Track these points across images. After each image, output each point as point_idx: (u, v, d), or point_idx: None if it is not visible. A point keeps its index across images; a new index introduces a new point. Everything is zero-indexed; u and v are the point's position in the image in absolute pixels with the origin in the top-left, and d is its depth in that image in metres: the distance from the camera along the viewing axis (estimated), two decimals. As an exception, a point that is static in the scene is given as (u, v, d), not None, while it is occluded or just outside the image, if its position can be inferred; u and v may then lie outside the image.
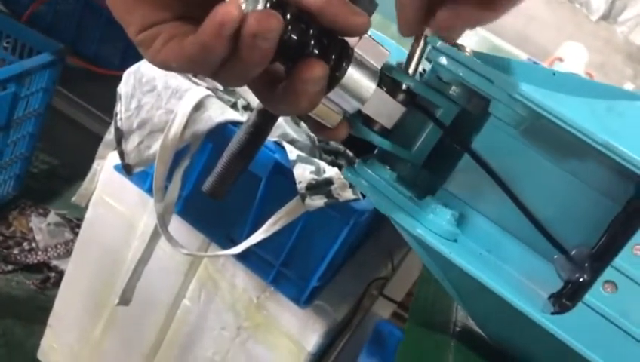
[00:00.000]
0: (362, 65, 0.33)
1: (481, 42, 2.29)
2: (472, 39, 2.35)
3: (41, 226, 1.53)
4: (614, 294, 0.32)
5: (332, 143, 0.99)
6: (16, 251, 1.48)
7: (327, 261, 0.94)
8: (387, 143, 0.38)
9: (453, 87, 0.39)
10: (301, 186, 0.85)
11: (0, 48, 1.64)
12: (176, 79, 0.92)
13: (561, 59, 2.74)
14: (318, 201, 0.85)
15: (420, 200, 0.38)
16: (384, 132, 0.38)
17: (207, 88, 0.93)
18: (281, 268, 0.97)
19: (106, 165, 1.09)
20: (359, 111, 0.35)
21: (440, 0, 0.35)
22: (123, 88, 0.92)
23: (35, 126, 1.59)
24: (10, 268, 1.46)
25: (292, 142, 0.94)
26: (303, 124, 0.99)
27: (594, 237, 0.37)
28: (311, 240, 0.94)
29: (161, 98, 0.91)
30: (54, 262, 1.50)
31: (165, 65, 0.31)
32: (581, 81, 0.34)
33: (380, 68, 0.34)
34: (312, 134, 0.99)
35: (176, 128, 0.89)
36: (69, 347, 1.25)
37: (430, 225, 0.36)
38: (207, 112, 0.89)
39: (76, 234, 1.42)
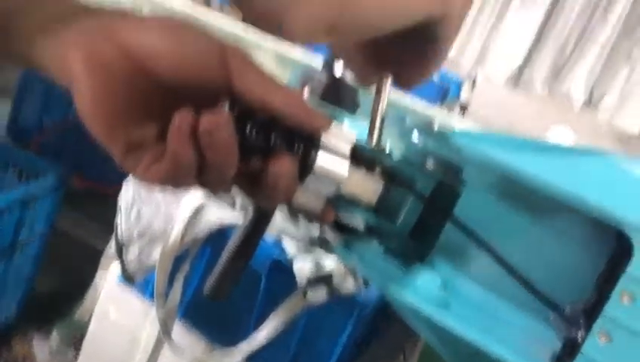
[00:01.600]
0: (331, 150, 0.35)
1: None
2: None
3: (43, 349, 1.50)
4: (610, 344, 0.32)
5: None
6: (17, 376, 1.44)
7: (334, 359, 0.92)
8: (373, 219, 0.39)
9: (430, 160, 0.41)
10: (301, 281, 0.85)
11: (6, 176, 1.69)
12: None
13: (547, 143, 2.81)
14: (319, 295, 0.85)
15: (409, 269, 0.38)
16: (369, 208, 0.39)
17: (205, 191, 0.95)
18: (287, 369, 0.95)
19: (108, 277, 1.09)
20: (343, 193, 0.37)
21: (392, 50, 0.38)
22: (123, 199, 0.95)
23: (39, 248, 1.60)
24: (11, 394, 1.42)
25: (291, 237, 0.95)
26: (300, 218, 1.01)
27: (586, 292, 0.37)
28: (316, 338, 0.93)
29: (160, 205, 0.93)
30: (57, 385, 1.45)
31: (152, 185, 0.33)
32: (545, 144, 0.36)
33: (349, 149, 0.36)
34: (311, 227, 1.00)
35: (175, 234, 0.90)
36: None
37: (420, 293, 0.37)
38: (205, 216, 0.91)
39: (79, 351, 1.39)
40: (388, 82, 0.39)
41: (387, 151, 0.40)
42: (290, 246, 0.89)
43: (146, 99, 0.32)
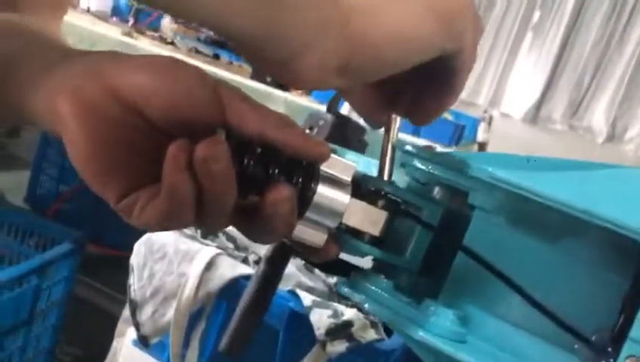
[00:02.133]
0: (331, 181, 0.34)
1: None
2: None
3: (65, 421, 1.46)
4: (639, 368, 0.29)
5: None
6: None
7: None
8: (377, 252, 0.38)
9: (436, 188, 0.39)
10: (320, 332, 0.82)
11: (23, 245, 1.70)
12: (186, 243, 0.94)
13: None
14: (339, 347, 0.82)
15: (421, 305, 0.36)
16: (375, 241, 0.37)
17: (218, 247, 0.94)
18: None
19: (125, 342, 1.07)
20: (345, 225, 0.36)
21: (402, 87, 0.37)
22: (135, 259, 0.94)
23: (58, 317, 1.59)
24: None
25: (308, 290, 0.93)
26: (317, 270, 0.99)
27: (612, 318, 0.35)
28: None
29: (173, 263, 0.92)
30: None
31: (149, 227, 0.32)
32: (553, 161, 0.34)
33: (349, 180, 0.34)
34: (328, 279, 0.98)
35: (189, 291, 0.88)
36: None
37: (434, 329, 0.34)
38: (218, 271, 0.90)
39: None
40: (397, 121, 0.38)
41: (390, 182, 0.39)
42: (306, 298, 0.87)
43: (139, 142, 0.31)
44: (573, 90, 5.14)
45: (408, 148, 0.37)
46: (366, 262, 0.41)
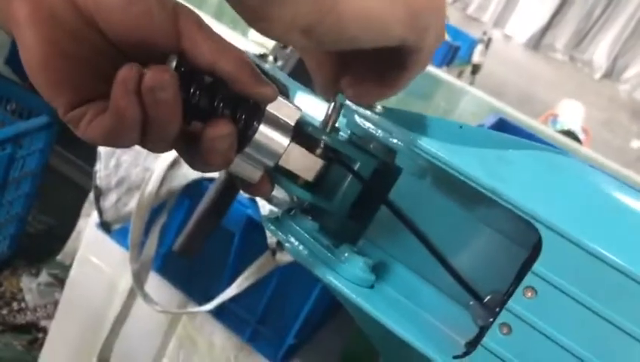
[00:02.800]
0: (274, 123, 0.35)
1: (481, 104, 2.33)
2: (469, 102, 2.40)
3: (31, 286, 1.54)
4: (509, 336, 0.32)
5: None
6: (4, 311, 1.48)
7: (302, 318, 0.94)
8: (308, 195, 0.39)
9: (373, 142, 0.40)
10: (271, 241, 0.86)
11: (1, 112, 1.70)
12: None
13: (555, 115, 2.79)
14: (289, 256, 0.86)
15: (336, 249, 0.39)
16: (308, 185, 0.39)
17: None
18: (257, 325, 0.97)
19: (89, 223, 1.11)
20: (281, 167, 0.37)
21: (348, 67, 0.38)
22: (103, 147, 0.95)
23: (31, 186, 1.62)
24: (-2, 328, 1.46)
25: (269, 199, 0.96)
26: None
27: (507, 283, 0.38)
28: (286, 296, 0.94)
29: (140, 156, 0.94)
30: (43, 323, 1.50)
31: (94, 142, 0.33)
32: (481, 132, 0.36)
33: (292, 125, 0.36)
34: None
35: (152, 185, 0.91)
36: (50, 408, 1.23)
37: (343, 273, 0.37)
38: (182, 170, 0.92)
39: (63, 292, 1.42)
40: (338, 100, 0.39)
41: (332, 131, 0.40)
42: (264, 207, 0.90)
43: (93, 57, 0.31)
44: (581, 21, 5.01)
45: (350, 104, 0.38)
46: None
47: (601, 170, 0.37)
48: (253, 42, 1.21)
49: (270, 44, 1.07)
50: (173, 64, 0.31)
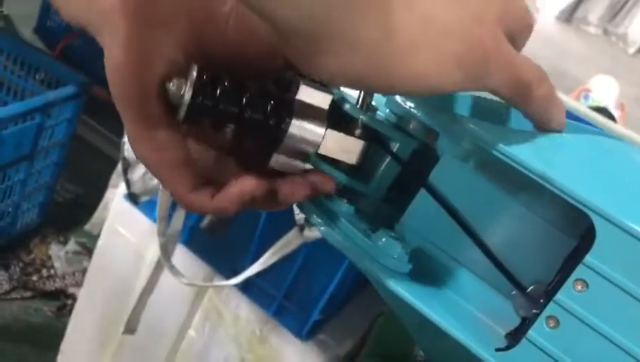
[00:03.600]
0: (307, 113, 0.34)
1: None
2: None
3: (59, 254, 1.56)
4: (556, 330, 0.31)
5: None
6: (35, 278, 1.51)
7: (328, 294, 0.94)
8: (344, 177, 0.38)
9: (413, 122, 0.39)
10: (299, 217, 0.85)
11: (30, 81, 1.71)
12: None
13: (588, 91, 2.71)
14: (316, 232, 0.85)
15: (373, 234, 0.37)
16: (351, 168, 0.38)
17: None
18: (282, 300, 0.97)
19: (117, 194, 1.11)
20: (321, 155, 0.36)
21: None
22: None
23: (60, 155, 1.64)
24: (28, 294, 1.49)
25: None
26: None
27: (552, 274, 0.36)
28: (312, 272, 0.94)
29: (167, 129, 0.93)
30: (71, 290, 1.52)
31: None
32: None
33: (326, 109, 0.34)
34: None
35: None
36: (78, 374, 1.26)
37: (380, 259, 0.36)
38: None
39: (90, 263, 1.45)
40: None
41: (368, 110, 0.38)
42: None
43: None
44: (617, -6, 4.85)
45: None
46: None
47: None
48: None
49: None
50: (194, 74, 0.31)
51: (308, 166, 0.36)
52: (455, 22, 0.26)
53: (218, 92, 0.32)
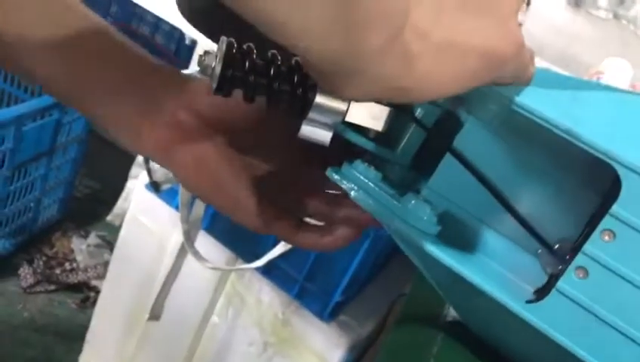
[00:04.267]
0: None
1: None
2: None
3: (81, 247, 1.59)
4: (585, 280, 0.32)
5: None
6: (58, 271, 1.54)
7: (349, 275, 0.95)
8: (372, 145, 0.39)
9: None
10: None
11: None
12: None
13: (601, 73, 2.69)
14: (336, 214, 0.86)
15: (403, 198, 0.38)
16: (380, 136, 0.39)
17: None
18: (304, 282, 0.98)
19: (138, 184, 1.13)
20: (349, 123, 0.37)
21: None
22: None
23: (78, 151, 1.66)
24: (52, 287, 1.52)
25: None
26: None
27: (578, 231, 0.37)
28: (333, 254, 0.95)
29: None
30: (94, 282, 1.55)
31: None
32: (550, 75, 0.35)
33: None
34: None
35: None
36: (105, 363, 1.28)
37: (410, 220, 0.37)
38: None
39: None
40: None
41: None
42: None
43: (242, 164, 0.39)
44: (627, -25, 4.81)
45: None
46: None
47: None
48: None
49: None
50: (224, 47, 0.33)
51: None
52: (474, 38, 0.27)
53: (247, 65, 0.34)
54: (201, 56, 0.36)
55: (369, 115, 0.38)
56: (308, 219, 0.43)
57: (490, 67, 0.28)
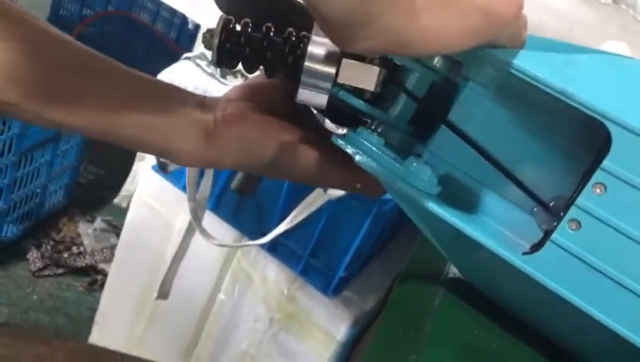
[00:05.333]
0: (322, 48, 0.38)
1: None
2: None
3: (88, 232, 1.61)
4: (579, 231, 0.34)
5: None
6: (65, 255, 1.56)
7: (352, 251, 0.97)
8: (363, 105, 0.41)
9: (437, 58, 0.41)
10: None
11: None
12: (205, 81, 0.98)
13: (599, 56, 2.70)
14: (339, 191, 0.88)
15: (405, 161, 0.40)
16: (373, 98, 0.41)
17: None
18: (309, 258, 1.00)
19: (144, 166, 1.15)
20: (342, 85, 0.40)
21: None
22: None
23: (82, 137, 1.68)
24: (60, 271, 1.54)
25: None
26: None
27: (571, 188, 0.39)
28: (336, 230, 0.97)
29: (192, 98, 0.96)
30: (101, 265, 1.57)
31: None
32: (544, 40, 0.37)
33: None
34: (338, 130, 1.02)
35: (205, 126, 0.93)
36: (114, 342, 1.31)
37: (412, 181, 0.39)
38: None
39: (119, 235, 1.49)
40: None
41: None
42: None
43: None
44: (626, -44, 4.78)
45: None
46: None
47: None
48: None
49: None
50: (222, 23, 0.38)
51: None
52: None
53: (242, 39, 0.38)
54: (204, 33, 0.40)
55: (359, 76, 0.40)
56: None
57: (491, 26, 0.30)
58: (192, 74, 1.00)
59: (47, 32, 0.39)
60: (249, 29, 0.40)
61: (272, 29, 0.40)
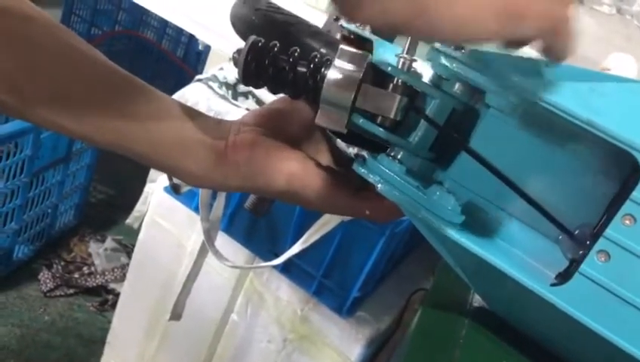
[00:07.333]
0: (342, 72, 0.38)
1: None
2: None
3: (99, 251, 1.61)
4: (608, 263, 0.34)
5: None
6: (76, 275, 1.56)
7: (366, 271, 0.97)
8: (383, 132, 0.41)
9: (457, 85, 0.41)
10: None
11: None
12: (217, 103, 0.98)
13: (607, 70, 2.69)
14: (353, 212, 0.88)
15: (427, 190, 0.40)
16: (393, 125, 0.41)
17: (247, 110, 0.98)
18: (322, 279, 1.00)
19: (156, 187, 1.15)
20: (360, 109, 0.40)
21: None
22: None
23: (92, 157, 1.69)
24: (71, 291, 1.54)
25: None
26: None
27: (597, 217, 0.39)
28: (349, 251, 0.97)
29: (204, 120, 0.96)
30: (112, 285, 1.57)
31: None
32: (568, 69, 0.37)
33: (360, 69, 0.38)
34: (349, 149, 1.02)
35: (218, 148, 0.93)
36: (126, 364, 1.31)
37: (435, 210, 0.39)
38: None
39: (131, 258, 1.49)
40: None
41: (409, 71, 0.41)
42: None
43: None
44: (630, -32, 4.79)
45: (437, 45, 0.39)
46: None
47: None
48: (305, 4, 1.21)
49: (323, 4, 1.08)
50: (249, 45, 0.39)
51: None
52: None
53: (267, 61, 0.40)
54: (234, 53, 0.41)
55: (378, 102, 0.40)
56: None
57: (509, 13, 0.30)
58: (204, 96, 1.01)
59: (70, 39, 0.40)
60: (275, 50, 0.41)
61: (298, 51, 0.41)
